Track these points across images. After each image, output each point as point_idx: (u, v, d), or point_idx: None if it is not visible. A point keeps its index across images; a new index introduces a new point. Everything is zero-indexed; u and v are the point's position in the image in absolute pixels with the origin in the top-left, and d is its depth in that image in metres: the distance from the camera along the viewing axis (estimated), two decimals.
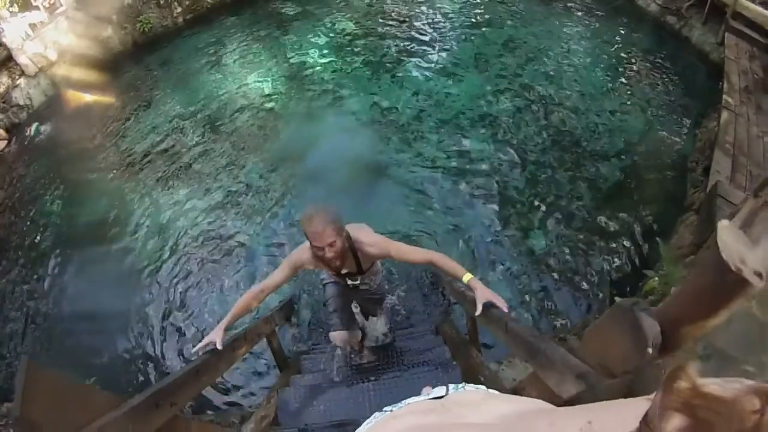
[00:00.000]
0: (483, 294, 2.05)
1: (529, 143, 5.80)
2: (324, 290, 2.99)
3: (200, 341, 2.19)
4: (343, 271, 2.50)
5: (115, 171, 6.53)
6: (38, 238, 5.94)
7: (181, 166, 6.31)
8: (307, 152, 6.07)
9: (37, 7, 7.99)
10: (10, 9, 7.79)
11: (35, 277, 5.48)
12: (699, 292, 1.04)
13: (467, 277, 2.13)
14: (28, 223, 6.21)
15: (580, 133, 5.90)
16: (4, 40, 7.66)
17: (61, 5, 8.09)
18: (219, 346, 2.13)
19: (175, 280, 5.00)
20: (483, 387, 0.97)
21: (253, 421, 2.70)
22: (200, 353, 2.15)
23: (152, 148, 6.71)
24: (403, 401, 0.98)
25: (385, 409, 0.98)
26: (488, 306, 2.04)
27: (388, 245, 2.34)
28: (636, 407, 0.45)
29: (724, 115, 4.92)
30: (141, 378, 4.21)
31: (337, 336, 2.91)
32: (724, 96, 5.22)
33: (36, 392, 1.36)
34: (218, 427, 2.38)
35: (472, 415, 0.78)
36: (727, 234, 0.93)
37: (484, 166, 5.57)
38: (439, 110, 6.45)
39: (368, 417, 2.43)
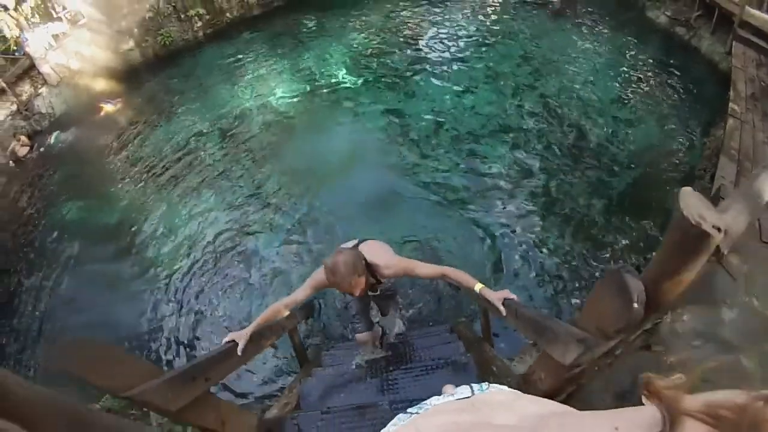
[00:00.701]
0: (498, 296, 2.26)
1: (542, 152, 6.04)
2: (344, 294, 3.21)
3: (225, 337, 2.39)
4: None
5: (133, 178, 6.85)
6: (59, 241, 6.24)
7: (199, 175, 6.60)
8: (325, 162, 6.31)
9: (59, 18, 8.41)
10: (32, 20, 8.22)
11: (54, 278, 5.75)
12: (670, 249, 1.25)
13: (479, 286, 2.31)
14: (50, 226, 6.51)
15: (592, 142, 6.13)
16: (27, 49, 8.08)
17: (83, 17, 8.49)
18: (239, 351, 2.31)
19: (192, 285, 5.24)
20: (506, 387, 1.03)
21: (277, 408, 2.91)
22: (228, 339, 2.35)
23: (170, 157, 7.02)
24: (427, 402, 1.05)
25: (409, 410, 1.03)
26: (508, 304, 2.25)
27: (403, 265, 2.50)
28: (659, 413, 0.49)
29: (730, 122, 5.10)
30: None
31: (362, 337, 3.17)
32: (731, 103, 5.40)
33: (88, 358, 1.58)
34: (243, 410, 2.59)
35: (502, 416, 0.82)
36: (689, 197, 1.15)
37: (499, 173, 5.81)
38: (454, 121, 6.70)
39: (387, 403, 2.61)
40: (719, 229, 1.14)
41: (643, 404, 0.53)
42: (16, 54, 8.27)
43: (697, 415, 0.43)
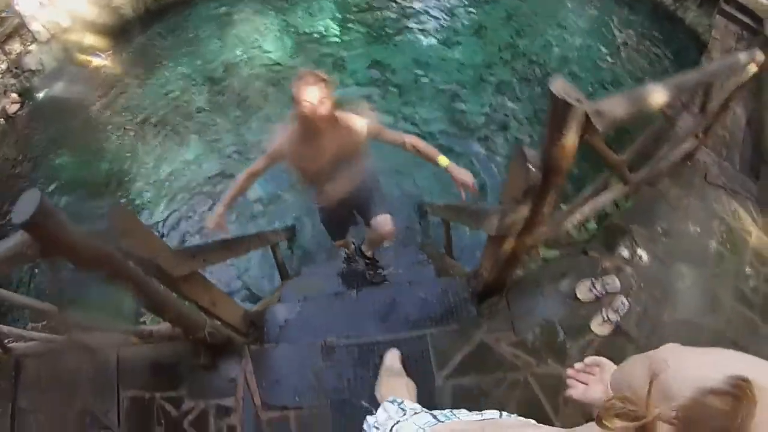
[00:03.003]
0: (458, 174, 2.56)
1: (520, 105, 6.58)
2: (321, 215, 3.59)
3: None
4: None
5: (123, 130, 7.28)
6: (51, 193, 6.66)
7: (187, 125, 7.07)
8: None
9: None
10: None
11: None
12: (550, 122, 1.78)
13: (444, 161, 2.58)
14: (41, 180, 6.94)
15: None
16: (17, 8, 8.40)
17: None
18: (216, 223, 2.74)
19: (180, 230, 5.79)
20: (533, 421, 1.11)
21: (260, 305, 3.49)
22: (209, 225, 2.82)
23: (159, 108, 7.46)
24: (455, 412, 1.18)
25: (438, 416, 1.17)
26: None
27: (373, 121, 2.65)
28: None
29: None
30: None
31: (340, 243, 3.71)
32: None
33: (124, 223, 2.10)
34: (233, 300, 3.14)
35: None
36: (557, 82, 1.69)
37: (475, 130, 6.33)
38: (437, 73, 7.21)
39: (355, 293, 3.20)
40: (579, 101, 1.68)
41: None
42: (5, 14, 8.58)
43: (663, 418, 0.48)
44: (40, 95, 8.40)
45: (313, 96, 2.35)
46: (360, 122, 2.60)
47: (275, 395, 2.78)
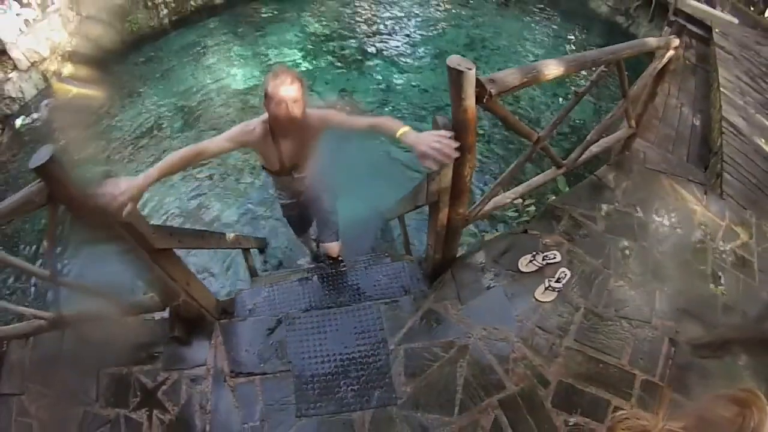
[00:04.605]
0: (417, 145, 2.01)
1: (483, 132, 7.04)
2: (282, 210, 3.77)
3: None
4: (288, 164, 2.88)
5: (102, 158, 7.62)
6: (31, 219, 6.84)
7: (163, 153, 7.31)
8: None
9: (29, 4, 9.20)
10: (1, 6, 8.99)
11: (27, 254, 6.43)
12: (452, 88, 2.20)
13: (400, 131, 2.18)
14: None
15: (530, 116, 7.24)
16: None
17: (53, 3, 9.23)
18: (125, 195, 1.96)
19: None
20: None
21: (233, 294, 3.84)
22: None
23: (136, 136, 7.86)
24: None
25: None
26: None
27: (333, 112, 2.67)
28: None
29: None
30: None
31: (301, 240, 4.08)
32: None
33: None
34: (207, 289, 3.49)
35: None
36: (453, 58, 2.13)
37: None
38: (400, 99, 7.79)
39: (317, 277, 3.71)
40: (469, 68, 2.12)
41: None
42: None
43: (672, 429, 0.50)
44: (19, 122, 8.73)
45: (289, 95, 2.37)
46: (323, 116, 2.64)
47: (242, 363, 3.13)
